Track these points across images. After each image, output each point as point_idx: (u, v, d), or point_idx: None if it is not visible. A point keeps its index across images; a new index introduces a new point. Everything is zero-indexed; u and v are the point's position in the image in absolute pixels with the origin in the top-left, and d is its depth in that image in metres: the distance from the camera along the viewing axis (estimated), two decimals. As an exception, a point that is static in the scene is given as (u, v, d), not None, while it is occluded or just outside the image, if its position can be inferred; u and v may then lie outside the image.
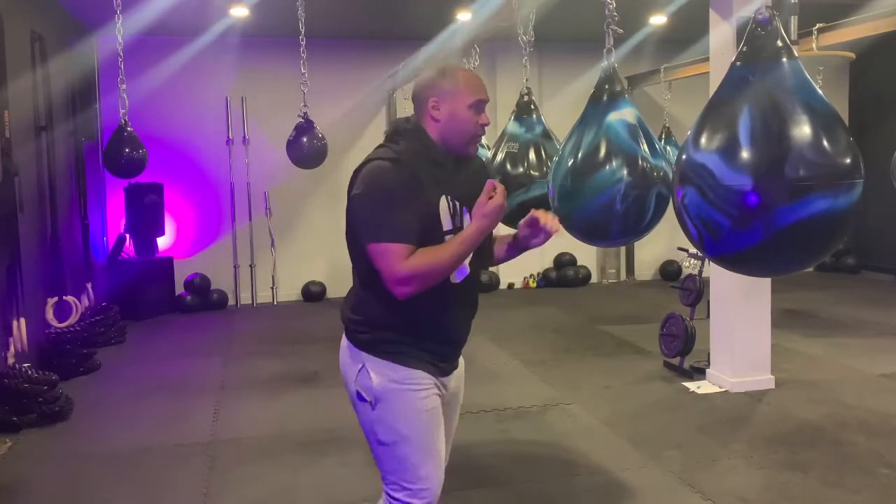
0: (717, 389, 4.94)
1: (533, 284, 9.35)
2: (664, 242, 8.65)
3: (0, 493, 3.66)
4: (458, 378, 2.33)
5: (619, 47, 3.36)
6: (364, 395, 2.13)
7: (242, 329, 7.47)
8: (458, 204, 2.15)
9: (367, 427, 2.19)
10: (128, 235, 8.05)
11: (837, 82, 9.64)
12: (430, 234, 2.05)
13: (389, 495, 2.17)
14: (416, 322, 2.13)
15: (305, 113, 6.23)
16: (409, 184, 2.03)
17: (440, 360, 2.20)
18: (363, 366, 2.14)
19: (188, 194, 8.59)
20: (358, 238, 2.08)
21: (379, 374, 2.12)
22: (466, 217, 2.15)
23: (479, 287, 2.34)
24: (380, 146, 2.17)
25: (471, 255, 2.13)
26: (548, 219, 2.20)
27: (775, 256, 2.24)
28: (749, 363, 4.92)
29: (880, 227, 9.08)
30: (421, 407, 2.14)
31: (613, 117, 3.20)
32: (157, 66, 7.94)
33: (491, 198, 2.05)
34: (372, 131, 9.05)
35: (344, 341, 2.23)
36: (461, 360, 2.35)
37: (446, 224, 2.11)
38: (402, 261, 1.98)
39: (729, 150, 2.21)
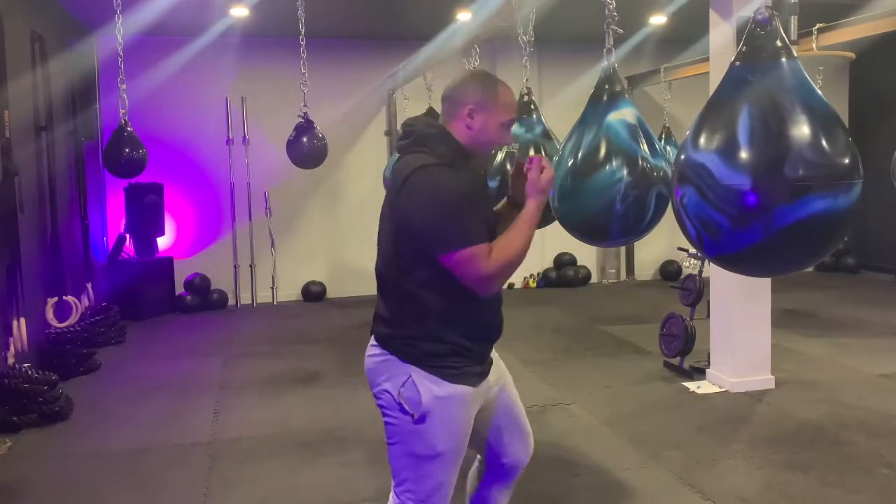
0: (717, 389, 4.94)
1: (533, 284, 9.36)
2: (664, 242, 8.65)
3: (0, 493, 3.66)
4: (495, 370, 2.35)
5: (619, 47, 3.35)
6: (407, 407, 2.11)
7: (242, 329, 7.47)
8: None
9: (399, 437, 2.16)
10: (128, 235, 8.06)
11: (837, 82, 9.64)
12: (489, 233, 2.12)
13: (399, 499, 2.19)
14: (471, 326, 2.15)
15: (305, 113, 6.22)
16: (467, 186, 2.07)
17: (483, 363, 2.24)
18: (409, 378, 2.12)
19: (188, 194, 8.59)
20: (425, 250, 2.05)
21: (426, 389, 2.11)
22: None
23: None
24: (412, 153, 2.14)
25: None
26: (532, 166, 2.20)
27: (774, 256, 2.24)
28: (749, 363, 4.92)
29: (880, 227, 9.08)
30: (460, 425, 2.17)
31: (613, 117, 3.20)
32: (157, 66, 7.95)
33: (542, 172, 2.12)
34: (372, 131, 9.06)
35: (375, 350, 2.21)
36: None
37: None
38: (486, 260, 2.01)
39: (728, 150, 2.21)
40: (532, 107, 4.21)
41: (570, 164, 3.23)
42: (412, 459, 2.15)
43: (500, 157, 4.14)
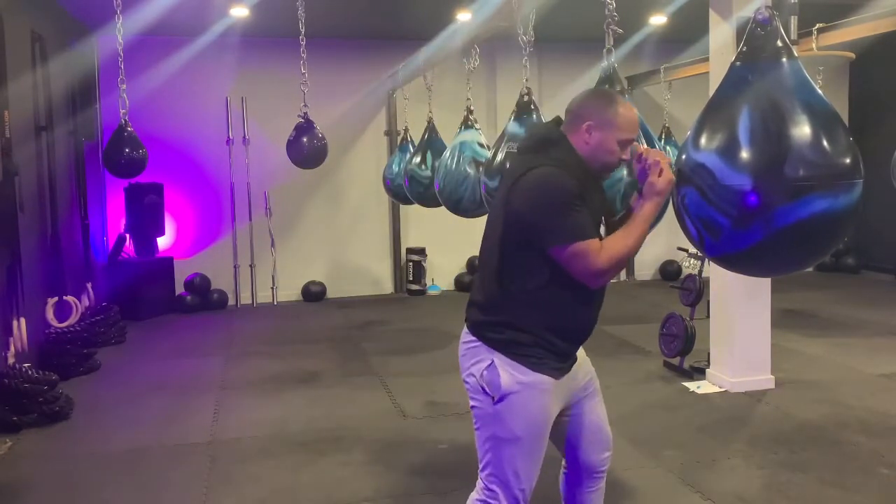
0: (717, 389, 4.94)
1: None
2: (664, 242, 8.62)
3: (0, 493, 3.66)
4: (581, 367, 2.43)
5: (619, 47, 3.35)
6: (488, 389, 2.21)
7: (242, 329, 7.47)
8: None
9: (483, 420, 2.26)
10: (128, 235, 8.05)
11: (837, 82, 9.64)
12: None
13: (486, 486, 2.27)
14: (561, 324, 2.23)
15: (305, 113, 6.22)
16: (579, 187, 2.14)
17: (566, 360, 2.29)
18: (492, 362, 2.21)
19: (188, 194, 8.59)
20: (535, 243, 2.14)
21: (507, 373, 2.20)
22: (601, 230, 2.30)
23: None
24: (530, 154, 2.25)
25: None
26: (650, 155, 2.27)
27: (775, 256, 2.24)
28: (749, 363, 4.92)
29: (880, 227, 9.08)
30: (539, 413, 2.24)
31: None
32: (157, 66, 7.95)
33: (660, 174, 2.17)
34: (372, 131, 9.06)
35: (467, 337, 2.31)
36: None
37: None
38: (598, 255, 2.10)
39: (728, 150, 2.21)
40: (532, 107, 4.21)
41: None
42: (494, 442, 2.24)
43: (500, 157, 4.14)
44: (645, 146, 2.41)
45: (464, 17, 6.36)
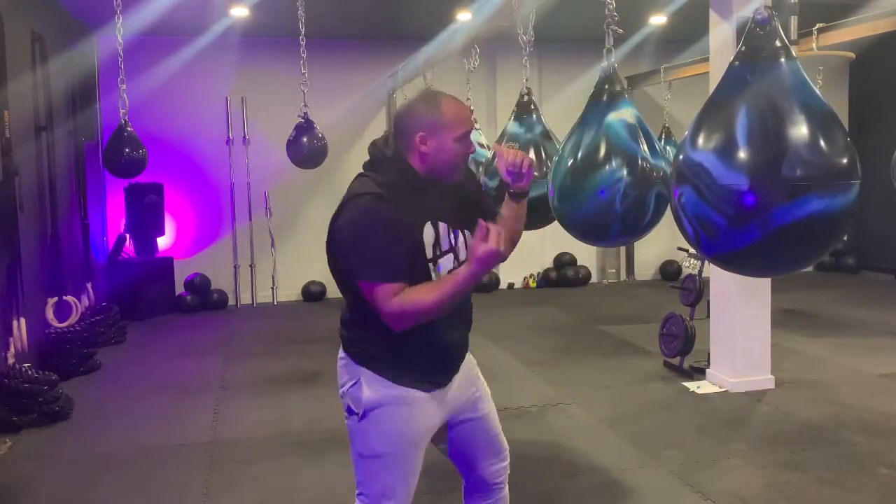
0: (717, 389, 4.94)
1: (533, 284, 9.36)
2: (664, 242, 8.63)
3: (0, 493, 3.66)
4: (463, 378, 2.29)
5: (619, 47, 3.36)
6: (353, 406, 2.15)
7: (242, 329, 7.47)
8: (442, 227, 2.14)
9: (351, 436, 2.21)
10: (128, 235, 8.06)
11: (837, 82, 9.64)
12: (415, 265, 2.05)
13: (357, 501, 2.22)
14: (407, 347, 2.11)
15: (305, 113, 6.22)
16: (396, 220, 2.01)
17: (434, 377, 2.19)
18: (358, 379, 2.14)
19: (188, 194, 8.59)
20: (345, 272, 2.08)
21: (372, 388, 2.12)
22: (459, 237, 2.17)
23: (470, 305, 2.29)
24: (361, 176, 2.15)
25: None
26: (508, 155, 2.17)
27: (772, 256, 2.24)
28: (749, 363, 4.92)
29: (880, 227, 9.08)
30: (405, 426, 2.15)
31: (613, 117, 3.21)
32: (157, 66, 7.94)
33: (486, 239, 1.89)
34: (372, 131, 9.04)
35: (341, 352, 2.23)
36: (467, 356, 2.33)
37: (429, 252, 2.10)
38: (391, 299, 1.97)
39: (726, 150, 2.21)
40: (532, 107, 4.21)
41: (569, 164, 3.23)
42: (358, 459, 2.20)
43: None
44: (502, 145, 2.33)
45: (464, 17, 6.36)
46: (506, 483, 2.45)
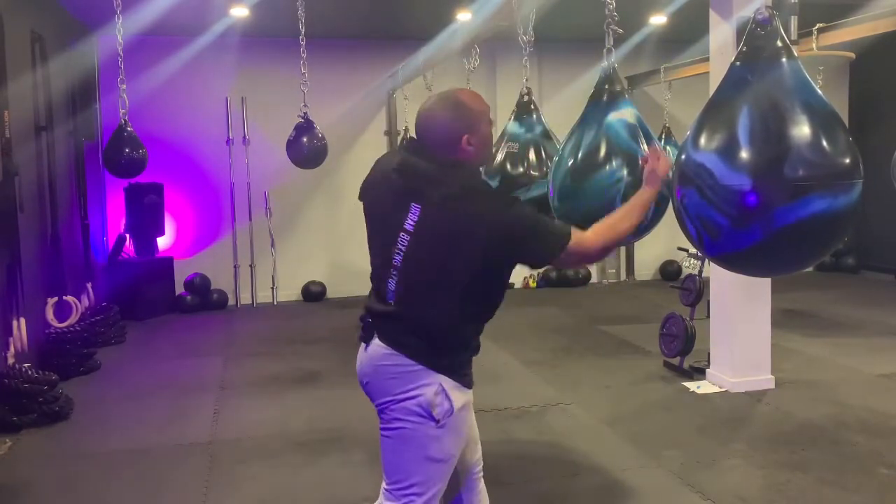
0: (717, 389, 4.94)
1: (533, 284, 9.36)
2: (664, 242, 8.64)
3: (0, 493, 3.66)
4: None
5: (619, 47, 3.36)
6: (436, 414, 2.15)
7: (242, 329, 7.47)
8: None
9: (416, 442, 2.18)
10: (128, 235, 8.05)
11: (837, 82, 9.64)
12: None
13: (402, 501, 2.20)
14: (470, 350, 2.27)
15: (305, 113, 6.22)
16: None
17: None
18: (440, 386, 2.16)
19: (188, 194, 8.59)
20: (528, 256, 2.17)
21: (453, 395, 2.17)
22: None
23: None
24: (466, 186, 2.16)
25: None
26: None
27: (774, 256, 2.24)
28: (749, 363, 4.92)
29: (880, 227, 9.07)
30: (466, 429, 2.27)
31: (613, 117, 3.20)
32: (157, 66, 7.94)
33: (657, 161, 2.32)
34: (372, 131, 9.06)
35: (400, 359, 2.18)
36: None
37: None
38: (585, 242, 2.16)
39: (728, 150, 2.21)
40: (532, 107, 4.21)
41: (570, 164, 3.23)
42: (425, 463, 2.18)
43: (500, 157, 4.14)
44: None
45: (464, 17, 6.36)
46: (482, 473, 2.52)
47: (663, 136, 7.83)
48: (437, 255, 2.15)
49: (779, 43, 2.31)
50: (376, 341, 2.22)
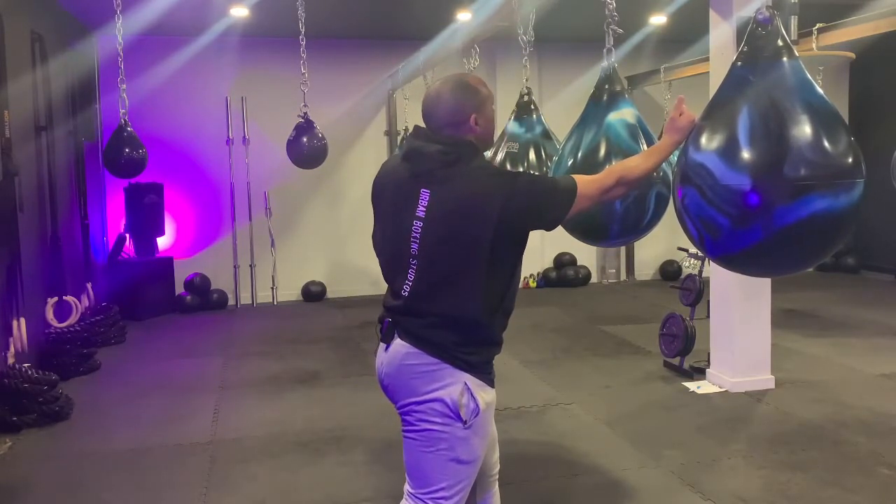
0: (717, 389, 4.94)
1: (533, 284, 9.36)
2: (664, 242, 8.65)
3: (0, 493, 3.66)
4: None
5: (619, 47, 3.36)
6: (464, 414, 2.12)
7: (242, 329, 7.47)
8: None
9: (445, 444, 2.14)
10: (128, 235, 8.05)
11: (837, 82, 9.64)
12: None
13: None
14: (496, 346, 2.25)
15: (305, 113, 6.22)
16: None
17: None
18: (465, 385, 2.13)
19: (188, 194, 8.59)
20: (546, 214, 2.19)
21: (479, 395, 2.15)
22: None
23: None
24: (473, 165, 2.18)
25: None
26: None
27: (776, 256, 2.24)
28: (749, 363, 4.92)
29: (880, 227, 9.07)
30: (490, 429, 2.27)
31: (613, 117, 3.20)
32: (157, 66, 7.95)
33: (681, 114, 2.38)
34: (372, 131, 9.06)
35: (424, 358, 2.15)
36: None
37: None
38: (595, 181, 2.24)
39: (729, 150, 2.21)
40: (532, 107, 4.21)
41: (570, 164, 3.23)
42: (452, 465, 2.15)
43: (500, 157, 4.14)
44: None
45: (464, 17, 6.36)
46: (497, 476, 2.51)
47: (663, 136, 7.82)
48: (453, 235, 2.11)
49: (779, 42, 2.31)
50: (398, 340, 2.18)
